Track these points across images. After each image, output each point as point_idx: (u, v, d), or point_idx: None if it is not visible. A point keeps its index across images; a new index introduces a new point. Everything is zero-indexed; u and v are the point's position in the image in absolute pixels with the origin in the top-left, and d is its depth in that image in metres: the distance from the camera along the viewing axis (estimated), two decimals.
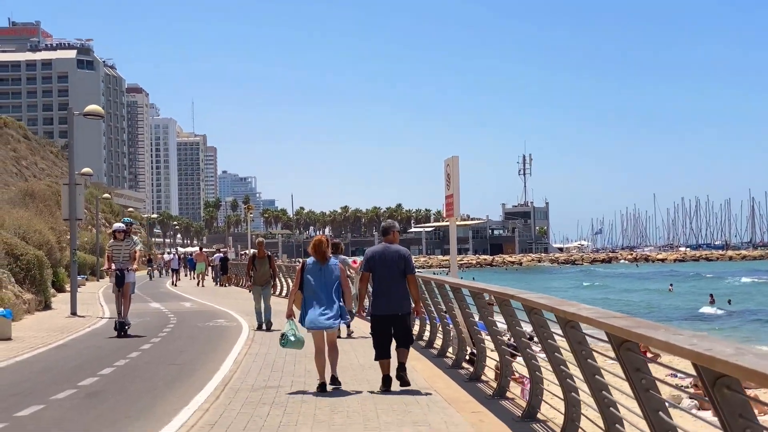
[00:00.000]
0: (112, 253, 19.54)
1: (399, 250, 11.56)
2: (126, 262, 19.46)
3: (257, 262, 21.24)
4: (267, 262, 21.26)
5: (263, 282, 21.00)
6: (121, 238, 19.59)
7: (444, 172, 17.30)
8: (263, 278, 21.06)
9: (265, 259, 21.30)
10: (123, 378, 12.78)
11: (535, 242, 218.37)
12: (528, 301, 8.01)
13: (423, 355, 15.16)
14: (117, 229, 19.95)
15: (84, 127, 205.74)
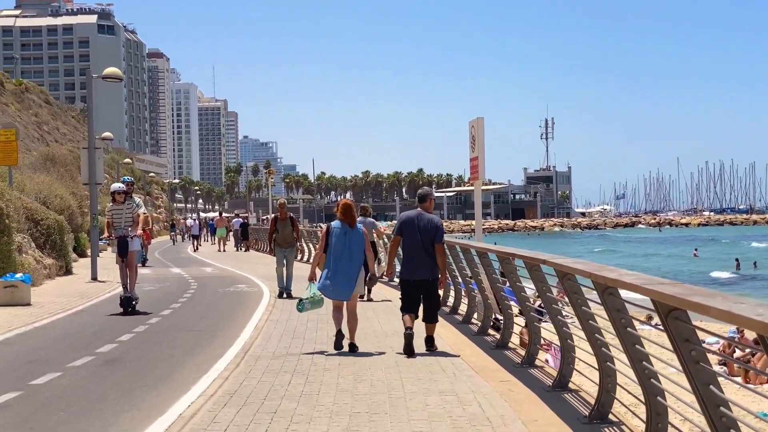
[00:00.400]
0: (112, 218, 17.10)
1: (432, 218, 11.67)
2: (128, 228, 16.97)
3: (279, 225, 20.14)
4: (290, 225, 20.21)
5: (286, 244, 20.09)
6: (121, 200, 17.02)
7: (469, 133, 16.87)
8: (286, 241, 20.09)
9: (288, 221, 20.21)
10: (142, 345, 12.51)
11: (558, 207, 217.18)
12: (562, 266, 7.61)
13: (448, 322, 14.81)
14: (116, 191, 17.19)
15: (105, 93, 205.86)
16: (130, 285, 16.87)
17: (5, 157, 27.21)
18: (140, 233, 17.11)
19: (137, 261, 17.83)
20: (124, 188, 17.45)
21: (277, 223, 20.26)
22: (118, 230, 16.96)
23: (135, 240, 17.05)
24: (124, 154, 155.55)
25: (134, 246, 17.12)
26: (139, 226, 17.09)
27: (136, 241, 17.13)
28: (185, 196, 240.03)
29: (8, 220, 20.75)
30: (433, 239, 11.49)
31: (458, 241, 15.46)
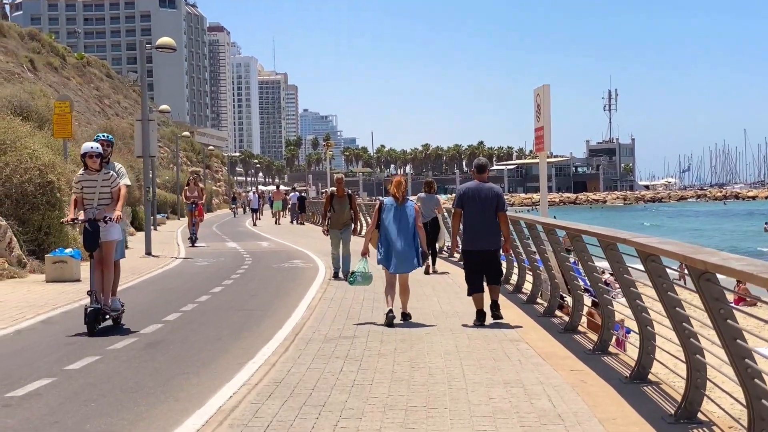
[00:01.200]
0: (82, 191, 11.56)
1: (492, 187, 11.74)
2: (103, 207, 11.51)
3: (335, 202, 17.77)
4: (347, 202, 17.81)
5: (342, 225, 17.76)
6: (96, 166, 11.43)
7: (534, 102, 15.90)
8: (342, 220, 17.74)
9: (345, 199, 17.81)
10: (188, 325, 11.85)
11: (620, 180, 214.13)
12: (646, 246, 6.72)
13: (512, 302, 13.97)
14: (87, 152, 11.46)
15: (166, 66, 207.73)
16: (105, 291, 11.57)
17: (60, 129, 26.80)
18: (119, 215, 11.49)
19: (118, 256, 12.30)
20: (99, 150, 11.59)
21: (333, 201, 17.85)
22: (89, 210, 11.50)
23: (113, 226, 11.52)
24: (185, 127, 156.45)
25: (112, 234, 11.61)
26: (119, 205, 11.58)
27: (114, 228, 11.58)
28: (245, 170, 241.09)
29: (60, 193, 20.28)
30: (495, 208, 11.59)
31: (524, 216, 14.57)
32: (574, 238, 9.92)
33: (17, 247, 18.58)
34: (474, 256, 11.73)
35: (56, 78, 78.72)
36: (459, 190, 11.93)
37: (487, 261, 11.72)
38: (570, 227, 10.04)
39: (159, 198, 59.24)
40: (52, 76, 78.20)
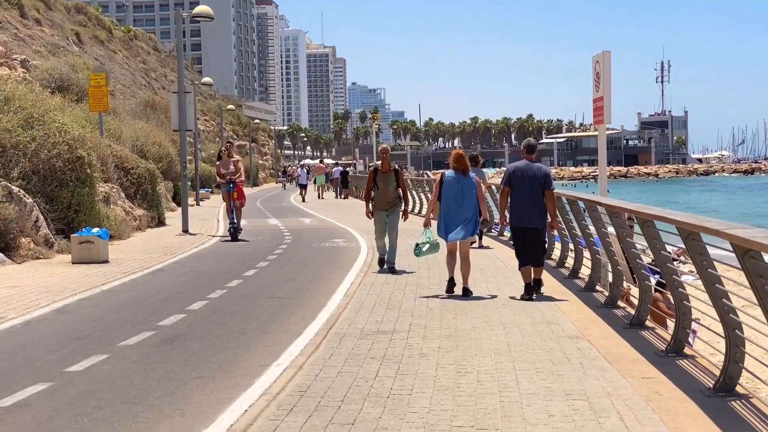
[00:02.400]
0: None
1: (540, 167, 12.03)
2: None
3: (380, 178, 15.18)
4: (393, 178, 15.20)
5: (389, 205, 15.14)
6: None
7: (592, 70, 14.60)
8: (388, 200, 15.16)
9: (391, 174, 15.20)
10: (211, 316, 10.80)
11: (673, 153, 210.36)
12: (744, 240, 5.49)
13: (568, 288, 12.77)
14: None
15: (214, 40, 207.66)
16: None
17: (95, 102, 25.95)
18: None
19: None
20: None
21: (377, 177, 15.22)
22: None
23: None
24: (233, 101, 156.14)
25: None
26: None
27: None
28: (293, 144, 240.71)
29: (90, 169, 19.36)
30: (543, 187, 11.88)
31: (582, 195, 13.30)
32: (644, 223, 8.67)
33: (44, 226, 17.70)
34: (521, 233, 12.08)
35: (102, 51, 78.33)
36: (508, 169, 12.22)
37: (533, 237, 12.02)
38: (640, 211, 8.78)
39: (203, 172, 58.56)
40: (98, 49, 77.83)
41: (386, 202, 15.15)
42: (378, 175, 15.24)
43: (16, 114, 18.67)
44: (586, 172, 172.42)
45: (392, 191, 15.18)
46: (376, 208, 15.19)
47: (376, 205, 15.19)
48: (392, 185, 15.17)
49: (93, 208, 19.52)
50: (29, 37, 59.52)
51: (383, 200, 15.15)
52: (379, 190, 15.14)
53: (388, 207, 15.14)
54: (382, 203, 15.15)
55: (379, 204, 15.16)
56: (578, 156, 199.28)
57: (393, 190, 15.19)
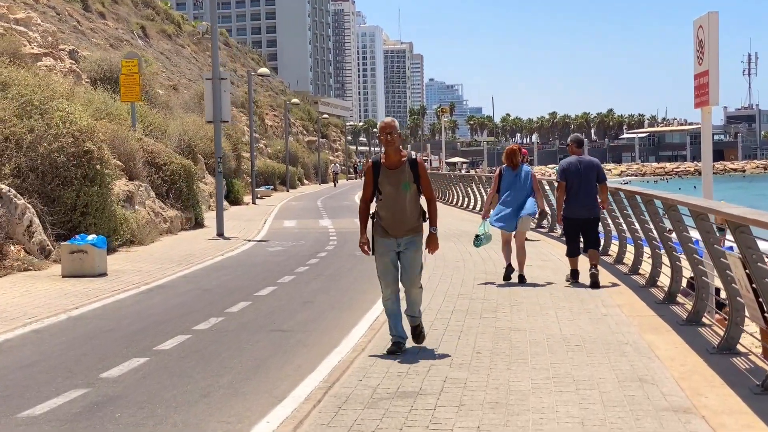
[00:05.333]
0: None
1: (591, 160, 12.69)
2: None
3: (384, 178, 8.28)
4: (409, 178, 8.27)
5: (404, 229, 8.28)
6: None
7: (694, 38, 11.47)
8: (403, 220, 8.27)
9: (404, 171, 8.28)
10: (179, 363, 8.00)
11: (761, 148, 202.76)
12: None
13: (662, 318, 9.68)
14: None
15: (290, 36, 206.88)
16: None
17: (127, 91, 23.56)
18: None
19: None
20: None
21: (380, 176, 8.30)
22: None
23: None
24: (308, 97, 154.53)
25: None
26: None
27: None
28: (369, 140, 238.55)
29: (101, 165, 16.84)
30: (596, 179, 12.46)
31: (688, 199, 10.17)
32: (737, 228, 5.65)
33: (40, 231, 15.20)
34: (575, 224, 12.55)
35: (169, 45, 76.90)
36: (561, 165, 12.73)
37: (586, 228, 12.57)
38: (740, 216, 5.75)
39: (267, 169, 56.38)
40: (165, 43, 76.37)
41: (399, 223, 8.22)
42: (381, 173, 8.26)
43: (13, 101, 16.20)
44: (669, 167, 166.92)
45: (410, 201, 8.24)
46: (380, 234, 8.25)
47: (380, 229, 8.27)
48: (409, 190, 8.22)
49: (105, 210, 16.99)
50: (90, 30, 58.00)
51: (394, 219, 8.21)
52: (384, 199, 8.25)
53: (404, 232, 8.22)
54: (391, 224, 8.21)
55: (387, 226, 8.22)
56: (661, 151, 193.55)
57: (411, 200, 8.25)
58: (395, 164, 8.29)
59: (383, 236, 8.27)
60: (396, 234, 8.25)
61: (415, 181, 8.28)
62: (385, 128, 8.29)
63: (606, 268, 14.24)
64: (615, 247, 15.64)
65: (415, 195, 8.31)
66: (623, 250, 15.01)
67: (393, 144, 8.30)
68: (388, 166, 8.30)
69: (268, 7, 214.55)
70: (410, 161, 8.32)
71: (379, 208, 8.34)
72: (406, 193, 8.26)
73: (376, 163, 8.38)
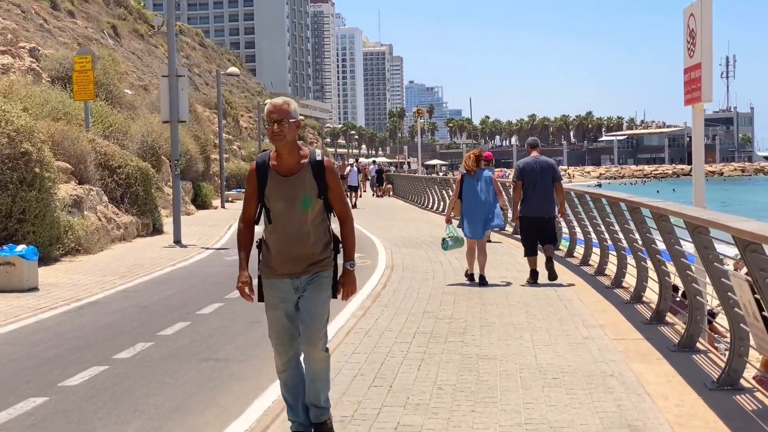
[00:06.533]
0: None
1: (548, 161, 13.19)
2: None
3: (272, 189, 5.47)
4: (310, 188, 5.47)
5: (301, 264, 5.51)
6: None
7: (684, 28, 10.31)
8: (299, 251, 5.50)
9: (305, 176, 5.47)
10: (80, 406, 6.69)
11: (738, 150, 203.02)
12: None
13: (648, 340, 8.50)
14: None
15: (269, 37, 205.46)
16: None
17: (81, 90, 22.21)
18: None
19: None
20: None
21: (267, 186, 5.48)
22: None
23: None
24: None
25: None
26: None
27: None
28: (347, 142, 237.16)
29: (40, 168, 15.51)
30: (552, 179, 12.95)
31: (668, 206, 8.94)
32: None
33: None
34: (531, 223, 12.99)
35: (141, 45, 75.39)
36: (518, 165, 13.35)
37: (542, 227, 12.97)
38: None
39: (240, 171, 54.99)
40: (137, 43, 74.90)
41: (295, 256, 5.51)
42: (269, 181, 5.50)
43: None
44: (647, 170, 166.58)
45: (313, 224, 5.54)
46: (267, 273, 5.59)
47: (266, 268, 5.60)
48: (309, 208, 5.49)
49: (46, 217, 15.67)
50: (58, 28, 56.48)
51: (288, 250, 5.51)
52: (274, 221, 5.52)
53: (302, 268, 5.54)
54: (285, 259, 5.52)
55: (278, 262, 5.53)
56: (639, 154, 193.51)
57: (315, 222, 5.56)
58: (290, 168, 5.44)
59: (272, 277, 5.48)
60: (291, 272, 5.45)
61: (320, 194, 5.45)
62: (272, 113, 5.40)
63: (586, 279, 13.13)
64: (596, 256, 14.49)
65: (321, 214, 5.53)
66: (605, 260, 13.88)
67: (284, 138, 5.36)
68: (279, 171, 5.45)
69: (246, 8, 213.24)
70: (314, 164, 5.46)
71: (268, 234, 5.52)
72: (305, 211, 5.42)
73: (261, 166, 5.51)
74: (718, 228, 5.91)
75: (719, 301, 6.78)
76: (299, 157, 5.51)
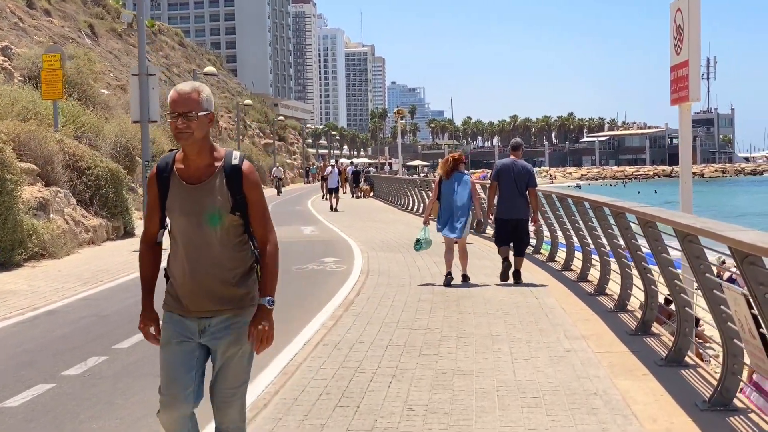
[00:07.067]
0: None
1: (525, 164, 13.37)
2: None
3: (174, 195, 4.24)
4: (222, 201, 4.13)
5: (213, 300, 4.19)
6: None
7: (670, 24, 9.84)
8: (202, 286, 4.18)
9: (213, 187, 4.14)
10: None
11: (719, 152, 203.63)
12: None
13: (609, 326, 7.99)
14: None
15: (250, 37, 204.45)
16: None
17: (49, 89, 21.59)
18: None
19: None
20: None
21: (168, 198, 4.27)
22: None
23: None
24: (268, 99, 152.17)
25: None
26: None
27: None
28: (329, 143, 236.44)
29: (1, 170, 14.90)
30: (527, 183, 13.05)
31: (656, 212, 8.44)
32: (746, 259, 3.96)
33: None
34: (506, 224, 13.15)
35: (119, 45, 74.51)
36: (496, 166, 13.47)
37: (515, 228, 13.10)
38: None
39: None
40: (115, 42, 74.03)
41: (201, 288, 4.20)
42: (172, 189, 4.26)
43: None
44: (628, 171, 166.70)
45: (224, 247, 4.20)
46: (168, 305, 4.34)
47: (168, 298, 4.34)
48: (219, 225, 4.17)
49: (8, 220, 15.06)
50: (33, 27, 55.70)
51: (192, 280, 4.22)
52: (176, 241, 4.35)
53: (212, 306, 4.21)
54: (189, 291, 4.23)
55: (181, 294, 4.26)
56: (620, 155, 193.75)
57: (228, 244, 4.21)
58: (198, 174, 4.19)
59: (172, 310, 4.27)
60: (196, 309, 4.19)
61: (235, 208, 4.15)
62: (176, 103, 4.12)
63: (568, 285, 12.64)
64: (578, 261, 14.00)
65: (240, 235, 4.22)
66: (587, 266, 13.39)
67: (191, 135, 4.09)
68: (185, 177, 4.20)
69: (227, 8, 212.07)
70: (228, 169, 4.17)
71: (171, 258, 4.36)
72: (214, 230, 4.14)
73: (163, 170, 4.28)
74: (713, 238, 5.40)
75: (711, 315, 6.27)
76: (211, 159, 4.18)
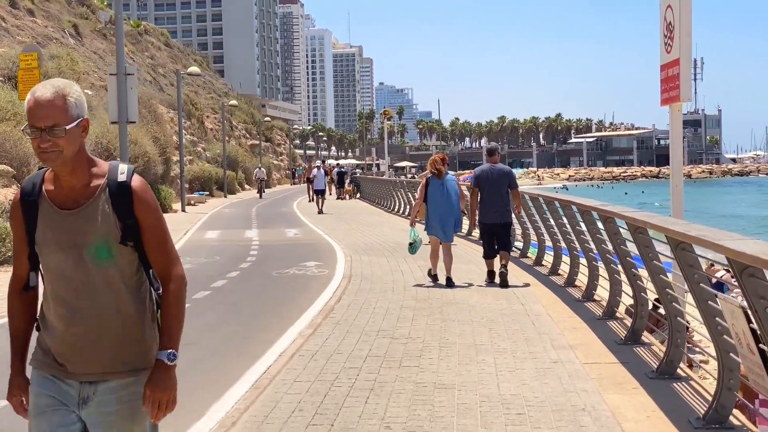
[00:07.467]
0: None
1: (503, 168, 13.61)
2: None
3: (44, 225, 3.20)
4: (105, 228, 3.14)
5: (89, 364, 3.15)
6: None
7: (660, 20, 9.49)
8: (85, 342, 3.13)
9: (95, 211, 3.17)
10: None
11: (706, 153, 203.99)
12: None
13: (597, 335, 7.65)
14: None
15: (237, 38, 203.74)
16: None
17: (26, 88, 21.01)
18: None
19: None
20: None
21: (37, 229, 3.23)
22: None
23: None
24: (255, 100, 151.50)
25: None
26: None
27: None
28: (317, 144, 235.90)
29: None
30: (508, 186, 13.36)
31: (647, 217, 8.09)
32: None
33: None
34: (489, 228, 13.37)
35: (104, 45, 73.86)
36: (475, 172, 13.72)
37: (498, 232, 13.30)
38: None
39: (204, 173, 53.98)
40: (99, 43, 73.40)
41: (83, 344, 3.14)
42: (41, 218, 3.21)
43: None
44: (616, 172, 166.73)
45: (112, 289, 3.17)
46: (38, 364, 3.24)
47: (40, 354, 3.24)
48: (107, 260, 3.17)
49: None
50: (16, 27, 55.08)
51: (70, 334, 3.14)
52: (50, 282, 3.21)
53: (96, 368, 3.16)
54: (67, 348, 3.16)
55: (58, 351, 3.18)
56: (608, 156, 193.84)
57: (118, 286, 3.19)
58: (74, 196, 3.21)
59: (44, 370, 3.22)
60: (77, 371, 3.18)
61: (126, 237, 3.20)
62: (35, 115, 3.05)
63: (554, 290, 12.29)
64: (566, 266, 13.66)
65: (135, 273, 3.26)
66: (575, 270, 13.05)
67: (60, 155, 3.09)
68: (57, 202, 3.21)
69: (214, 9, 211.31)
70: (114, 188, 3.20)
71: (44, 303, 3.29)
72: (100, 267, 3.17)
73: (29, 194, 3.24)
74: (709, 247, 5.03)
75: (706, 327, 5.92)
76: (89, 177, 3.21)
